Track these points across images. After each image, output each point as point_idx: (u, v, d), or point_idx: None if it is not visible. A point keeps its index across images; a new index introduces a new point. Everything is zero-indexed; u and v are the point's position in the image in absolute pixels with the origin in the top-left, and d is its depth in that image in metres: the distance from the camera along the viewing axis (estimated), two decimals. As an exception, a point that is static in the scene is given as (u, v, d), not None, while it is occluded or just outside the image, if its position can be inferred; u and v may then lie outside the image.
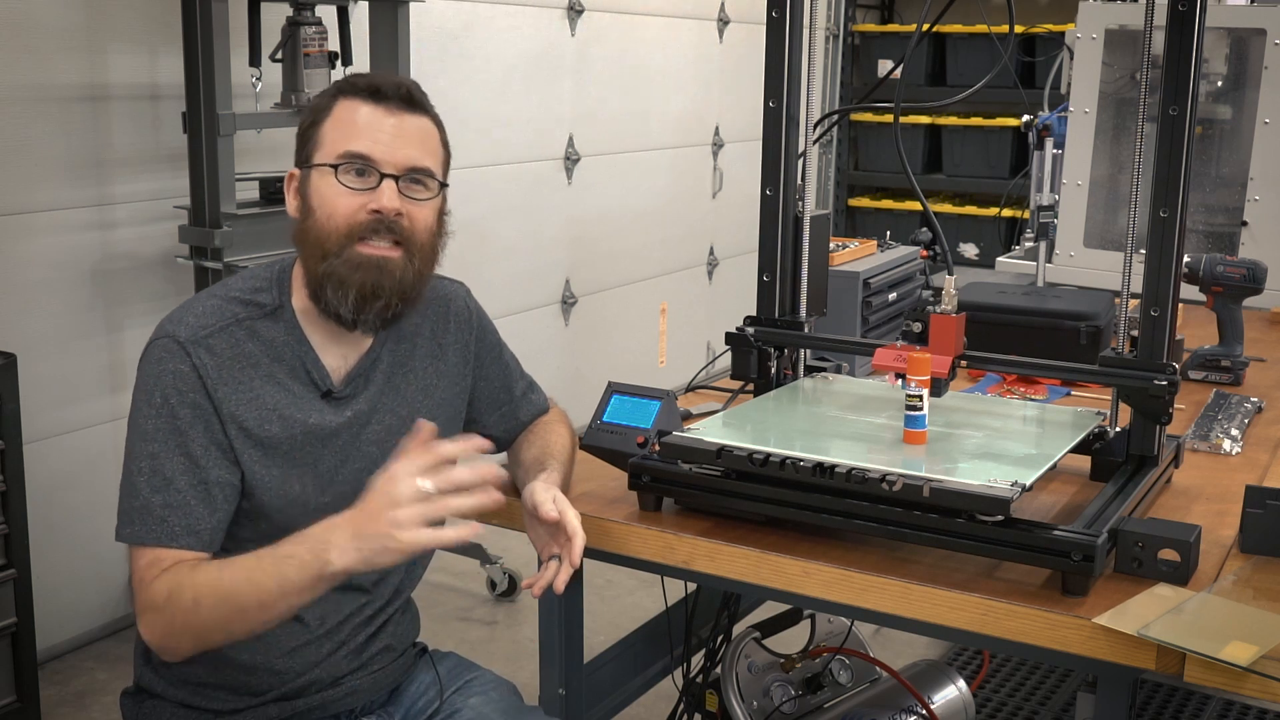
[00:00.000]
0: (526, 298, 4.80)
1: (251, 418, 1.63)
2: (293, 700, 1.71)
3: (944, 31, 6.58)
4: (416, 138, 1.66)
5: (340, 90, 1.67)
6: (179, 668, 1.70)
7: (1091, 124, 3.67)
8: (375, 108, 1.64)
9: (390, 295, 1.64)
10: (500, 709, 1.83)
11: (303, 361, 1.67)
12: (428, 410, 1.78)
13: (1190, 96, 1.76)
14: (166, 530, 1.57)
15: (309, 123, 1.68)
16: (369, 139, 1.63)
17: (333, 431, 1.69)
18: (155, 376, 1.61)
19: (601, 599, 3.70)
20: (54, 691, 3.19)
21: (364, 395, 1.72)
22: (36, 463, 3.02)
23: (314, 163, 1.65)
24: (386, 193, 1.62)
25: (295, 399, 1.66)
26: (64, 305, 3.29)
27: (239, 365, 1.63)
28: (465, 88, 4.35)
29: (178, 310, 1.67)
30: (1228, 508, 1.86)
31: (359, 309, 1.63)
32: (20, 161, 3.15)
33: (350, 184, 1.62)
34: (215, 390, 1.61)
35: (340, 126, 1.64)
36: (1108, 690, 1.62)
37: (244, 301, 1.67)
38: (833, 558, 1.69)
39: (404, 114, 1.66)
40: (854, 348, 2.29)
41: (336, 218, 1.62)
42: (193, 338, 1.62)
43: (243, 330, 1.65)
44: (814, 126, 2.12)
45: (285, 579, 1.49)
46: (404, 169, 1.64)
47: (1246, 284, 2.66)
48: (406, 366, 1.78)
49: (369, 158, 1.62)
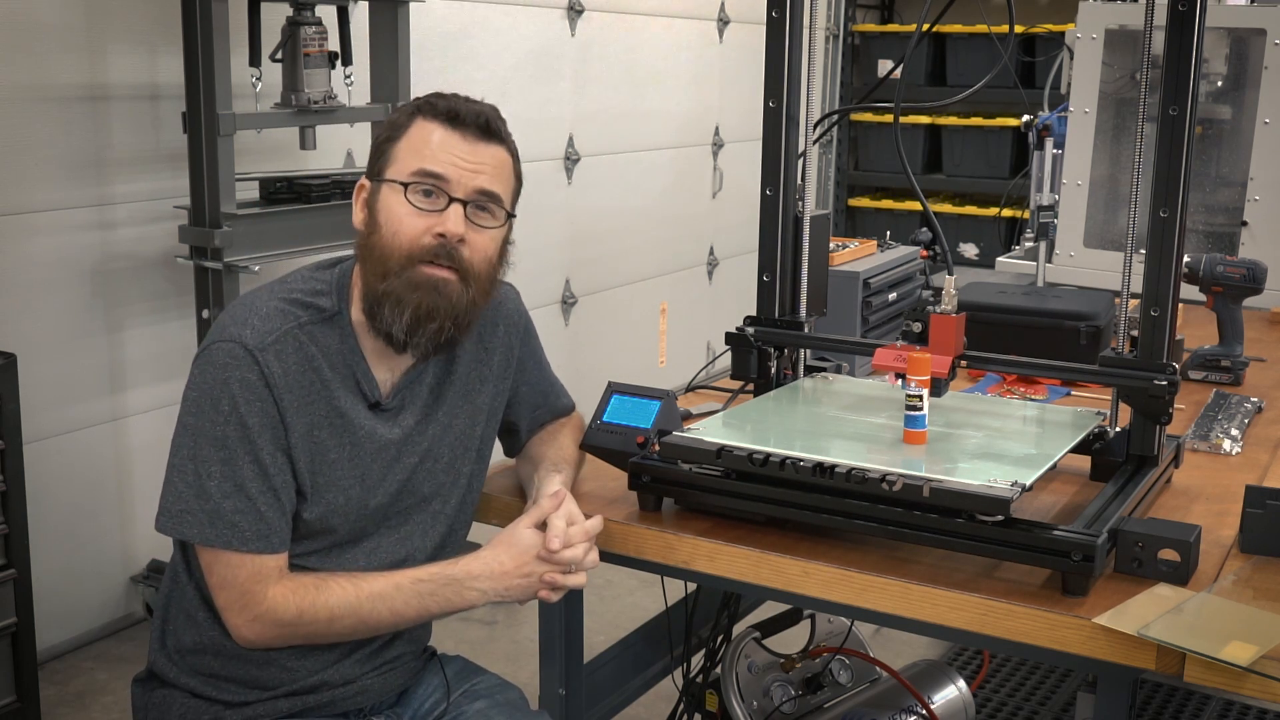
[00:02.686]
0: (526, 298, 4.76)
1: (304, 426, 1.64)
2: (303, 696, 1.72)
3: (944, 31, 6.58)
4: (490, 165, 1.67)
5: (419, 109, 1.68)
6: (193, 658, 1.72)
7: (1091, 124, 3.67)
8: (451, 132, 1.66)
9: (444, 319, 1.65)
10: (505, 712, 1.84)
11: (354, 371, 1.69)
12: (468, 414, 1.81)
13: (1190, 96, 1.75)
14: (238, 534, 1.59)
15: (385, 137, 1.69)
16: (443, 161, 1.64)
17: (382, 446, 1.71)
18: (222, 383, 1.60)
19: (601, 599, 3.70)
20: (54, 691, 3.19)
21: (410, 409, 1.74)
22: (36, 463, 3.02)
23: (385, 178, 1.66)
24: (452, 217, 1.64)
25: (347, 408, 1.67)
26: (64, 305, 3.29)
27: (302, 371, 1.64)
28: (465, 88, 4.31)
29: (239, 310, 1.66)
30: (1228, 508, 1.86)
31: (412, 330, 1.65)
32: (20, 161, 3.15)
33: (419, 204, 1.64)
34: (281, 398, 1.62)
35: (415, 146, 1.66)
36: (1108, 690, 1.62)
37: (304, 305, 1.68)
38: (833, 558, 1.69)
39: (479, 141, 1.67)
40: (854, 348, 2.29)
41: (401, 236, 1.63)
42: (260, 345, 1.61)
43: (305, 335, 1.65)
44: (814, 126, 2.12)
45: (427, 611, 1.69)
46: (473, 195, 1.65)
47: (1246, 284, 2.66)
48: (452, 374, 1.79)
49: (441, 179, 1.64)
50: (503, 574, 1.68)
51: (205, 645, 1.71)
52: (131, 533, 3.50)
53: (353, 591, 1.64)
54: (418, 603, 1.66)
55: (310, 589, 1.63)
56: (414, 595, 1.66)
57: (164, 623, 1.77)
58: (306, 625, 1.63)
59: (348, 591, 1.64)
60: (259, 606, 1.62)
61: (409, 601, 1.66)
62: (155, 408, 3.48)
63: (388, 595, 1.65)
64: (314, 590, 1.63)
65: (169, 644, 1.75)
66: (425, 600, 1.67)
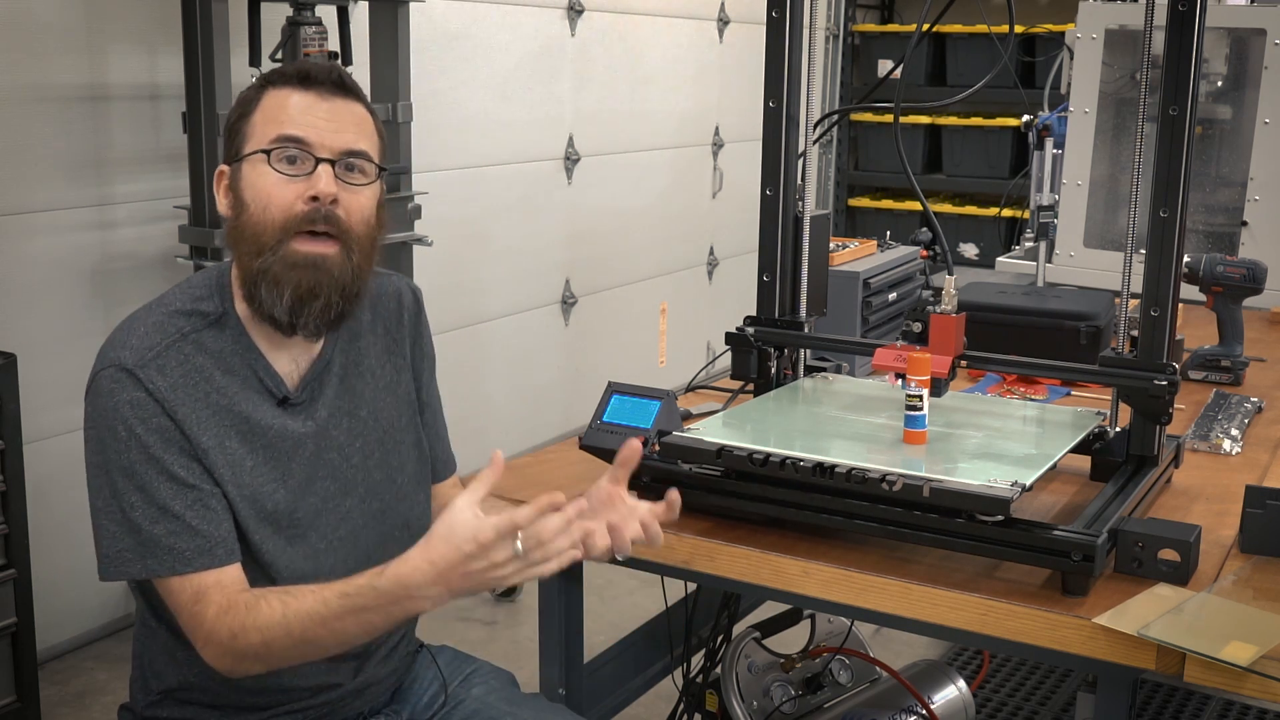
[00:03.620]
0: (526, 298, 4.79)
1: (211, 436, 1.55)
2: (302, 712, 1.70)
3: (944, 31, 6.58)
4: (351, 121, 1.58)
5: (268, 80, 1.59)
6: (182, 694, 1.67)
7: (1091, 124, 3.67)
8: (306, 93, 1.56)
9: (329, 293, 1.55)
10: (503, 696, 1.84)
11: (254, 370, 1.60)
12: (392, 409, 1.73)
13: (1190, 96, 1.76)
14: (179, 557, 1.51)
15: (236, 116, 1.60)
16: (302, 123, 1.54)
17: (296, 442, 1.62)
18: (112, 410, 1.52)
19: (601, 599, 3.70)
20: (54, 691, 3.19)
21: (321, 401, 1.65)
22: (36, 463, 3.02)
23: (244, 154, 1.57)
24: (323, 178, 1.53)
25: (251, 410, 1.58)
26: (64, 305, 3.29)
27: (191, 382, 1.55)
28: (465, 88, 4.34)
29: (118, 334, 1.57)
30: (1228, 508, 1.86)
31: (295, 311, 1.55)
32: (20, 161, 3.15)
33: (284, 171, 1.53)
34: (175, 412, 1.53)
35: (270, 114, 1.56)
36: (1108, 690, 1.62)
37: (186, 313, 1.59)
38: (833, 558, 1.69)
39: (336, 98, 1.57)
40: (854, 348, 2.30)
41: (272, 209, 1.53)
42: (140, 362, 1.52)
43: (189, 345, 1.56)
44: (814, 126, 2.12)
45: (369, 624, 1.47)
46: (340, 153, 1.55)
47: (1246, 284, 2.66)
48: (362, 366, 1.70)
49: (304, 141, 1.54)
50: (439, 577, 1.41)
51: (192, 682, 1.65)
52: (131, 533, 3.50)
53: (280, 611, 1.48)
54: (354, 619, 1.46)
55: (241, 609, 1.50)
56: (346, 610, 1.46)
57: (143, 669, 1.70)
58: (243, 648, 1.50)
59: (275, 611, 1.48)
60: (203, 629, 1.51)
61: (342, 617, 1.46)
62: (155, 408, 3.48)
63: (316, 613, 1.47)
64: (244, 611, 1.49)
65: (153, 687, 1.69)
66: (362, 615, 1.46)
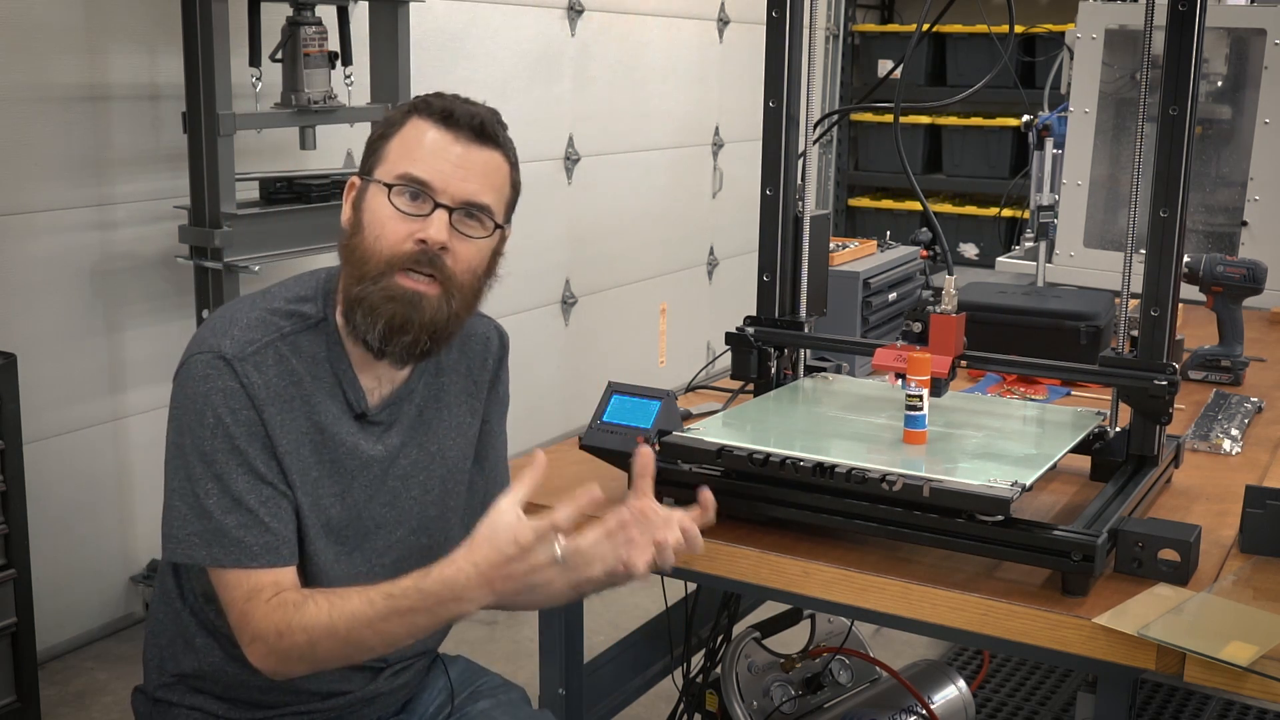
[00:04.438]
0: (526, 298, 4.80)
1: (290, 440, 1.57)
2: (311, 714, 1.70)
3: (944, 31, 6.58)
4: (480, 171, 1.59)
5: (414, 108, 1.61)
6: (195, 681, 1.68)
7: (1091, 124, 3.67)
8: (444, 133, 1.58)
9: (419, 332, 1.57)
10: (509, 712, 1.83)
11: (339, 379, 1.62)
12: (458, 450, 1.74)
13: (1190, 96, 1.76)
14: (247, 551, 1.52)
15: (379, 134, 1.62)
16: (430, 165, 1.56)
17: (365, 463, 1.64)
18: (204, 395, 1.54)
19: (601, 599, 3.65)
20: (54, 691, 3.19)
21: (396, 428, 1.67)
22: (36, 463, 3.02)
23: (373, 177, 1.59)
24: (435, 224, 1.55)
25: (329, 422, 1.61)
26: (64, 305, 3.29)
27: (284, 384, 1.57)
28: (465, 88, 4.30)
29: (219, 321, 1.60)
30: (1228, 508, 1.86)
31: (385, 340, 1.57)
32: (20, 161, 3.15)
33: (402, 207, 1.55)
34: (263, 409, 1.55)
35: (405, 146, 1.58)
36: (1108, 690, 1.62)
37: (287, 313, 1.61)
38: (833, 558, 1.69)
39: (472, 145, 1.58)
40: (854, 348, 2.29)
41: (383, 241, 1.55)
42: (239, 354, 1.55)
43: (287, 345, 1.59)
44: (814, 126, 2.12)
45: (415, 626, 1.48)
46: (460, 202, 1.57)
47: (1246, 284, 2.66)
48: (440, 402, 1.72)
49: (426, 184, 1.55)
50: (482, 578, 1.43)
51: (206, 671, 1.66)
52: (131, 533, 3.50)
53: (326, 611, 1.49)
54: (400, 620, 1.47)
55: (289, 608, 1.51)
56: (391, 612, 1.47)
57: (160, 649, 1.71)
58: (288, 647, 1.50)
59: (321, 611, 1.49)
60: (250, 626, 1.52)
61: (389, 619, 1.47)
62: (155, 408, 3.47)
63: (363, 614, 1.48)
64: (292, 610, 1.51)
65: (168, 669, 1.70)
66: (407, 617, 1.47)
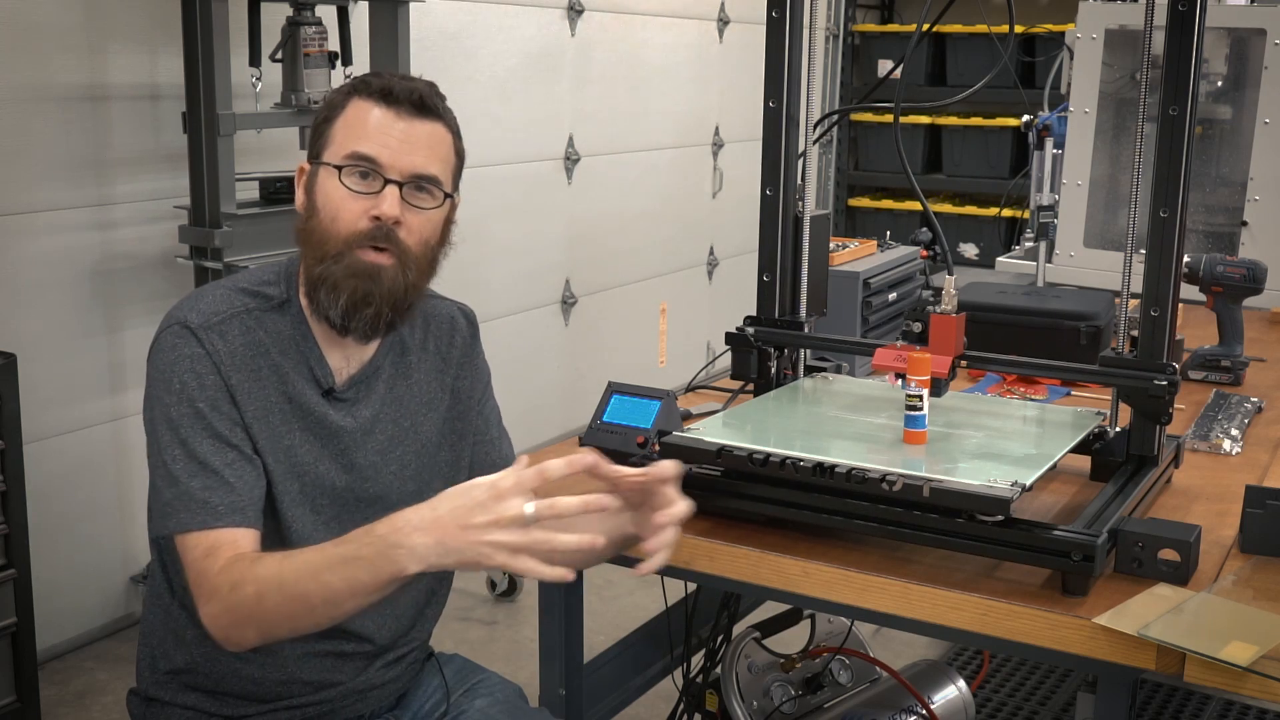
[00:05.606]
0: (526, 298, 4.79)
1: (258, 407, 1.62)
2: (303, 708, 1.70)
3: (944, 31, 6.58)
4: (425, 144, 1.63)
5: (355, 89, 1.65)
6: (187, 677, 1.69)
7: (1091, 124, 3.67)
8: (386, 111, 1.62)
9: (380, 303, 1.62)
10: (505, 710, 1.83)
11: (306, 357, 1.66)
12: (431, 424, 1.77)
13: (1190, 96, 1.76)
14: (211, 511, 1.55)
15: (323, 118, 1.67)
16: (376, 142, 1.61)
17: (334, 433, 1.67)
18: (171, 364, 1.60)
19: (601, 599, 3.70)
20: (54, 691, 3.19)
21: (366, 402, 1.71)
22: (36, 463, 3.02)
23: (322, 160, 1.64)
24: (388, 199, 1.60)
25: (299, 393, 1.65)
26: (64, 305, 3.29)
27: (249, 353, 1.62)
28: (465, 88, 4.35)
29: (186, 299, 1.66)
30: (1228, 508, 1.86)
31: (348, 315, 1.62)
32: (20, 161, 3.15)
33: (354, 187, 1.61)
34: (229, 376, 1.60)
35: (350, 127, 1.63)
36: (1108, 690, 1.62)
37: (252, 293, 1.67)
38: (833, 558, 1.69)
39: (414, 119, 1.63)
40: (854, 348, 2.29)
41: (339, 221, 1.61)
42: (204, 324, 1.61)
43: (253, 319, 1.64)
44: (814, 126, 2.12)
45: (354, 580, 1.42)
46: (409, 176, 1.62)
47: (1246, 284, 2.66)
48: (409, 379, 1.76)
49: (374, 161, 1.60)
50: (435, 523, 1.37)
51: (197, 664, 1.68)
52: (131, 533, 3.50)
53: (277, 564, 1.48)
54: (342, 569, 1.42)
55: (245, 562, 1.50)
56: (338, 560, 1.42)
57: (152, 647, 1.73)
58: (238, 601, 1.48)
59: (273, 564, 1.48)
60: (207, 582, 1.51)
61: (334, 568, 1.42)
62: (155, 408, 3.48)
63: (310, 564, 1.45)
64: (247, 564, 1.50)
65: (160, 666, 1.72)
66: (350, 566, 1.41)
